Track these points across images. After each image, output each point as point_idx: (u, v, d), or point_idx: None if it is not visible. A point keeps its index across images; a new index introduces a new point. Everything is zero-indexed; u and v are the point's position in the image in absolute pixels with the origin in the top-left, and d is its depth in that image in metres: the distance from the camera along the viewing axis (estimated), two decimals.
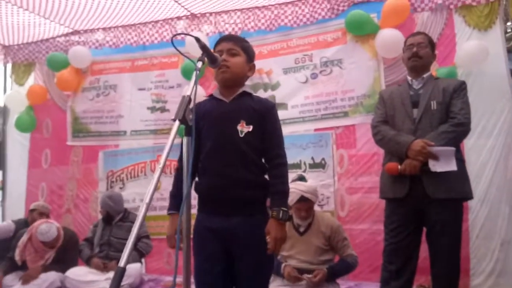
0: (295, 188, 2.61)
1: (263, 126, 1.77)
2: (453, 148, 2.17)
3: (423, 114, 2.32)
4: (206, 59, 1.66)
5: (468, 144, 3.14)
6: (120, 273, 1.03)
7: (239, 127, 1.74)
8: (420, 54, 2.42)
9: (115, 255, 3.53)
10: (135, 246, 3.52)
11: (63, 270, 3.54)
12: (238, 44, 1.82)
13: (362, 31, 3.62)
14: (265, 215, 1.75)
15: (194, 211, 3.56)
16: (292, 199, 2.59)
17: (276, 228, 1.66)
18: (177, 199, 1.78)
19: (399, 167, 2.27)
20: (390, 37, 3.41)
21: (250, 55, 1.86)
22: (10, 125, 4.77)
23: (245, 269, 1.73)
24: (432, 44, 2.50)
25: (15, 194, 4.66)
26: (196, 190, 1.83)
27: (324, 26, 3.81)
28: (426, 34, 2.58)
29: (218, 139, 1.75)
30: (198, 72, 1.56)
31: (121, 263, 1.04)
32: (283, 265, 2.62)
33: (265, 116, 1.78)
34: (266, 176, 1.81)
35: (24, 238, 3.54)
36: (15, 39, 4.76)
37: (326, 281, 2.54)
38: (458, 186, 2.23)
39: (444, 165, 2.15)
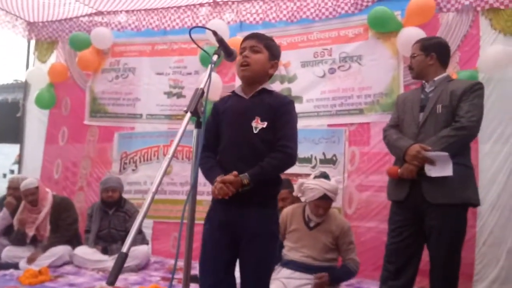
0: (319, 185, 2.61)
1: (276, 120, 1.79)
2: (446, 153, 2.11)
3: (427, 118, 2.28)
4: (222, 52, 1.70)
5: (484, 149, 3.09)
6: (122, 259, 1.05)
7: (253, 123, 1.78)
8: (411, 65, 2.44)
9: (115, 247, 3.57)
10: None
11: (69, 241, 3.65)
12: (261, 42, 1.85)
13: (385, 28, 3.56)
14: (275, 209, 1.85)
15: (201, 197, 3.62)
16: (314, 195, 2.60)
17: (231, 179, 1.68)
18: (216, 167, 1.80)
19: (399, 171, 2.28)
20: (412, 36, 3.31)
21: (273, 53, 1.88)
22: (30, 101, 4.89)
23: (250, 258, 1.76)
24: (427, 47, 2.39)
25: (30, 168, 4.77)
26: None
27: (346, 21, 3.77)
28: (418, 41, 2.48)
29: (233, 134, 1.80)
30: (213, 65, 1.59)
31: (124, 249, 1.07)
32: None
33: (278, 110, 1.81)
34: None
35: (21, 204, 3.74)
36: (40, 16, 4.85)
37: (327, 285, 2.56)
38: (458, 192, 2.17)
39: (439, 170, 2.12)
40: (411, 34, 3.34)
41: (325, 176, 2.76)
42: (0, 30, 4.84)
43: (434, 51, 2.37)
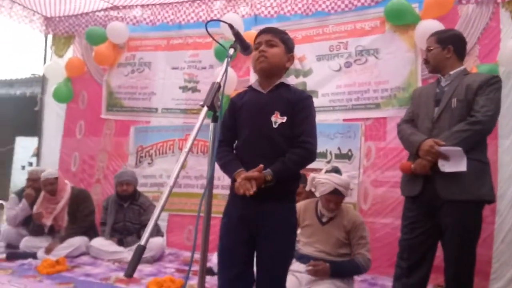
0: (330, 180, 2.58)
1: (295, 116, 1.78)
2: (459, 148, 2.06)
3: (442, 113, 2.23)
4: (238, 46, 1.70)
5: (504, 145, 3.02)
6: (140, 251, 1.05)
7: (273, 118, 1.77)
8: (427, 59, 2.38)
9: (131, 240, 3.63)
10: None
11: (85, 233, 3.72)
12: (277, 36, 1.84)
13: (402, 21, 3.50)
14: (294, 203, 1.84)
15: (216, 191, 3.64)
16: (324, 189, 2.57)
17: (255, 176, 1.67)
18: (236, 161, 1.79)
19: (412, 166, 2.24)
20: (431, 29, 3.23)
21: (289, 46, 1.88)
22: (48, 95, 4.98)
23: (269, 251, 1.75)
24: (443, 40, 2.33)
25: (48, 161, 4.86)
26: None
27: (362, 13, 3.71)
28: (433, 34, 2.41)
29: (253, 129, 1.79)
30: (229, 59, 1.59)
31: (142, 241, 1.07)
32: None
33: (297, 105, 1.79)
34: None
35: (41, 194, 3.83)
36: (57, 11, 4.91)
37: (330, 275, 2.47)
38: (473, 188, 2.12)
39: (453, 165, 2.07)
40: (429, 26, 3.26)
41: (336, 170, 2.72)
42: (18, 25, 4.93)
43: (451, 44, 2.31)
